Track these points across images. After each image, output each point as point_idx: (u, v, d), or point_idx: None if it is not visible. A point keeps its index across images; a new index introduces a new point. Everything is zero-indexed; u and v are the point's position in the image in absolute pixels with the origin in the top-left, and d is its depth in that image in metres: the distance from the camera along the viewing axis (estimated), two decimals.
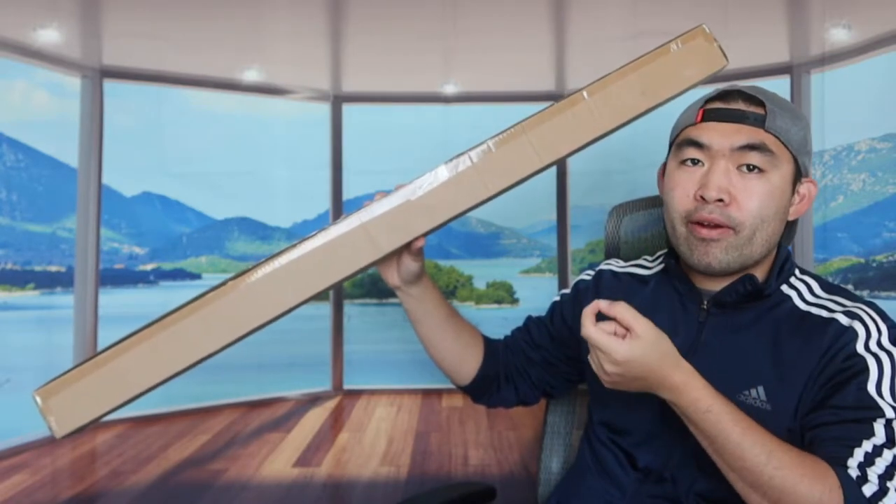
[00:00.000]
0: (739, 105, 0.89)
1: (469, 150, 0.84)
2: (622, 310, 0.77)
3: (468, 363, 1.08)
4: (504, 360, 1.11)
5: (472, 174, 0.83)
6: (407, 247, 0.87)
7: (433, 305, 1.02)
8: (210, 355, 0.81)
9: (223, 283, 0.81)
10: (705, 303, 0.94)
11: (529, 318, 1.15)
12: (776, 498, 0.75)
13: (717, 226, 0.87)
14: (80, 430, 0.79)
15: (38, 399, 0.77)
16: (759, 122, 0.88)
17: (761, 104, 0.89)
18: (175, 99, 4.24)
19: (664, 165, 0.99)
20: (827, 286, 0.93)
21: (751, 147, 0.87)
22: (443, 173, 0.83)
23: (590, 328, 0.78)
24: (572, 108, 0.83)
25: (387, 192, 0.84)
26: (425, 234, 0.86)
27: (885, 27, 3.29)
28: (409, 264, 0.93)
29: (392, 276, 0.96)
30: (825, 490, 0.74)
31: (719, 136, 0.88)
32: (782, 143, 0.88)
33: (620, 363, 0.77)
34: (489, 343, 1.11)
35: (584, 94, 0.83)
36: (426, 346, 1.06)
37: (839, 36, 3.37)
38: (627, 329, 0.77)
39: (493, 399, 1.12)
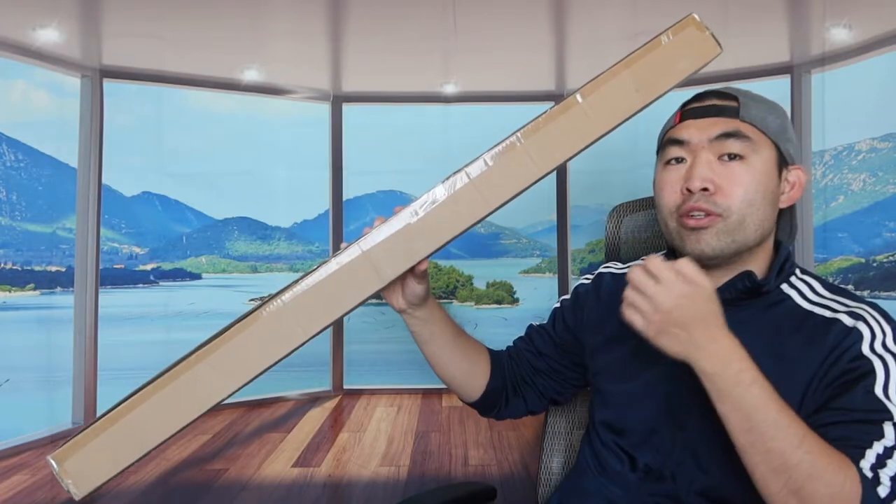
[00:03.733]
0: (714, 101, 0.93)
1: (465, 166, 0.82)
2: (685, 264, 0.77)
3: (477, 379, 1.07)
4: (510, 372, 1.10)
5: (471, 191, 0.81)
6: (411, 270, 0.86)
7: (440, 326, 1.01)
8: (223, 399, 0.80)
9: (229, 327, 0.79)
10: None
11: (531, 327, 1.14)
12: (799, 484, 0.73)
13: (705, 214, 0.89)
14: (101, 489, 0.78)
15: (54, 463, 0.76)
16: (732, 113, 0.91)
17: (734, 98, 0.92)
18: (175, 99, 4.24)
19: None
20: (829, 286, 0.93)
21: (727, 135, 0.89)
22: (440, 193, 0.81)
23: (654, 260, 0.78)
24: (566, 113, 0.82)
25: (386, 217, 0.83)
26: (428, 256, 0.84)
27: (885, 27, 3.29)
28: (414, 287, 0.93)
29: (397, 301, 0.95)
30: (846, 480, 0.74)
31: (697, 131, 0.91)
32: (759, 129, 0.90)
33: (681, 296, 0.76)
34: (495, 356, 1.10)
35: (578, 96, 0.82)
36: (433, 367, 1.05)
37: (839, 36, 3.36)
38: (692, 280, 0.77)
39: (503, 412, 1.11)
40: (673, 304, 0.76)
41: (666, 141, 0.94)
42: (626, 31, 3.28)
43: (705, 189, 0.88)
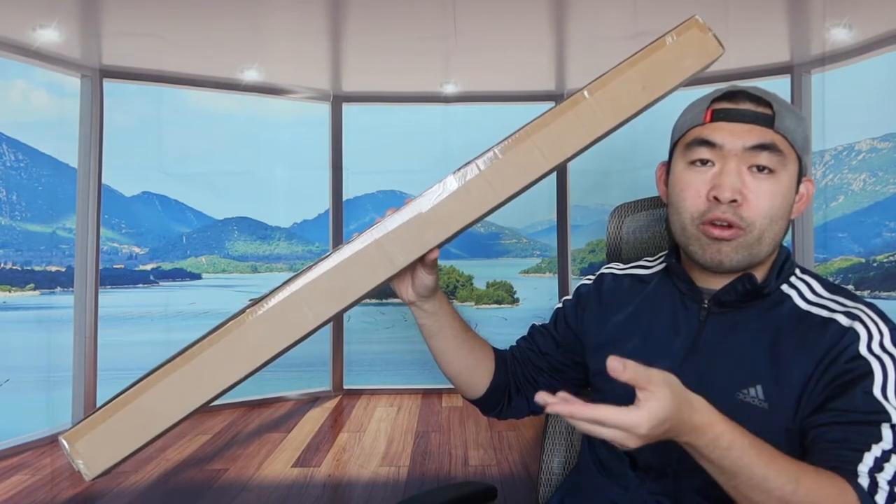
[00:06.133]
0: (748, 105, 0.90)
1: (475, 158, 0.83)
2: (632, 372, 0.68)
3: (481, 376, 1.07)
4: (513, 371, 1.10)
5: (481, 182, 0.83)
6: (421, 260, 0.86)
7: (447, 320, 1.00)
8: (234, 385, 0.80)
9: (242, 311, 0.80)
10: (706, 302, 0.95)
11: (533, 327, 1.14)
12: None
13: (729, 226, 0.88)
14: (111, 471, 0.78)
15: (65, 443, 0.76)
16: (768, 122, 0.88)
17: (768, 105, 0.89)
18: (175, 99, 4.24)
19: (664, 166, 0.99)
20: (828, 286, 0.93)
21: (762, 147, 0.87)
22: (451, 183, 0.83)
23: (604, 414, 0.68)
24: (574, 108, 0.83)
25: (397, 208, 0.84)
26: (439, 246, 0.85)
27: (885, 27, 3.29)
28: (424, 278, 0.92)
29: (407, 292, 0.95)
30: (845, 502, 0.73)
31: (730, 135, 0.88)
32: (789, 143, 0.89)
33: (647, 434, 0.68)
34: (499, 355, 1.10)
35: (585, 93, 0.83)
36: (439, 361, 1.05)
37: (840, 36, 3.36)
38: (641, 387, 0.68)
39: (505, 411, 1.11)
40: (649, 434, 0.69)
41: (693, 140, 0.91)
42: (627, 31, 3.28)
43: (734, 200, 0.86)
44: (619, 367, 0.67)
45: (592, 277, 1.13)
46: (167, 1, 3.00)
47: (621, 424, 0.67)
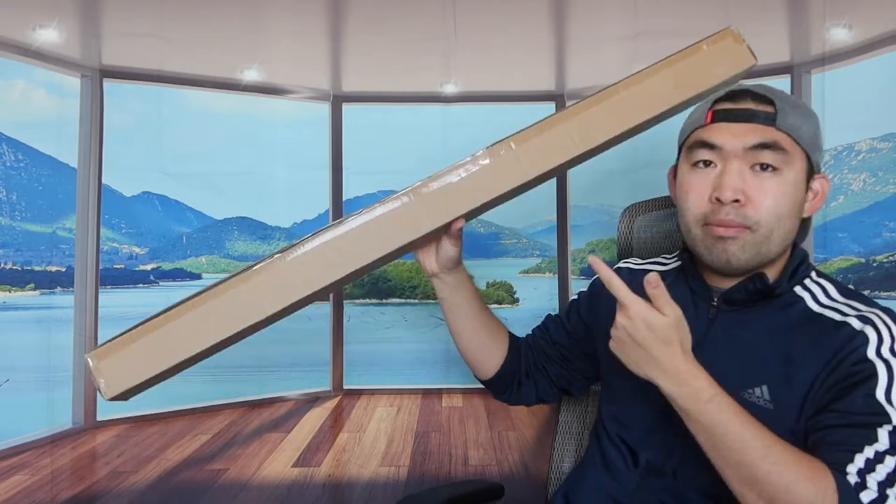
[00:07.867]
0: (749, 104, 0.89)
1: (509, 136, 0.88)
2: (661, 292, 0.78)
3: (494, 355, 1.10)
4: (525, 357, 1.13)
5: (512, 158, 0.87)
6: (446, 229, 0.90)
7: (467, 295, 1.04)
8: (259, 324, 0.84)
9: (270, 256, 0.84)
10: (716, 299, 0.95)
11: (549, 317, 1.17)
12: (771, 496, 0.74)
13: (733, 226, 0.87)
14: (128, 395, 0.81)
15: (90, 360, 0.80)
16: (769, 120, 0.87)
17: (771, 102, 0.89)
18: (175, 99, 4.24)
19: (674, 168, 0.99)
20: (844, 290, 0.92)
21: (763, 146, 0.87)
22: (483, 158, 0.87)
23: (630, 295, 0.79)
24: (609, 100, 0.88)
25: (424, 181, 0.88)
26: (465, 218, 0.89)
27: (885, 27, 3.29)
28: (449, 249, 0.95)
29: (430, 262, 0.98)
30: (819, 491, 0.73)
31: (731, 136, 0.88)
32: (794, 140, 0.88)
33: (653, 327, 0.77)
34: (513, 339, 1.13)
35: (620, 86, 0.88)
36: (455, 337, 1.08)
37: (840, 36, 3.36)
38: (658, 309, 0.78)
39: (514, 396, 1.14)
40: (636, 331, 0.79)
41: (695, 142, 0.91)
42: (627, 31, 3.28)
43: (736, 200, 0.86)
44: (654, 279, 0.77)
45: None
46: (167, 1, 3.00)
47: (641, 314, 0.77)
